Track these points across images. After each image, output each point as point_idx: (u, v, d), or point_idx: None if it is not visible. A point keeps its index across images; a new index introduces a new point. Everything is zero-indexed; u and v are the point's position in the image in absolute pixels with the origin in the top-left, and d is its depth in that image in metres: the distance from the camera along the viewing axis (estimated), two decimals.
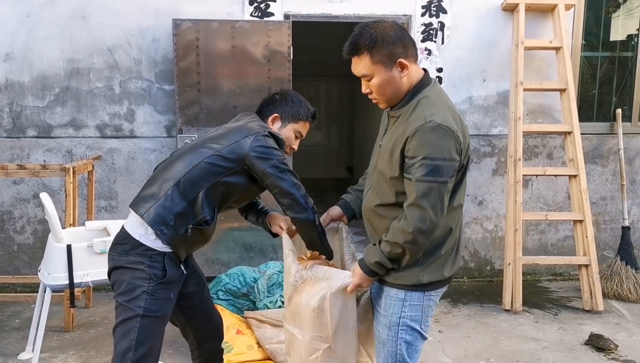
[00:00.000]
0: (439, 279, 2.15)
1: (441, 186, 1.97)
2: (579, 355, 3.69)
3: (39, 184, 4.64)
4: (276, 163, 2.29)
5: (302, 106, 2.51)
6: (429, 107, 2.03)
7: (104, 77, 4.59)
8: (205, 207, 2.28)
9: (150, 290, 2.23)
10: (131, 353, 2.22)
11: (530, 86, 4.60)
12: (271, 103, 2.52)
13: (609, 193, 5.11)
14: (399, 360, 2.17)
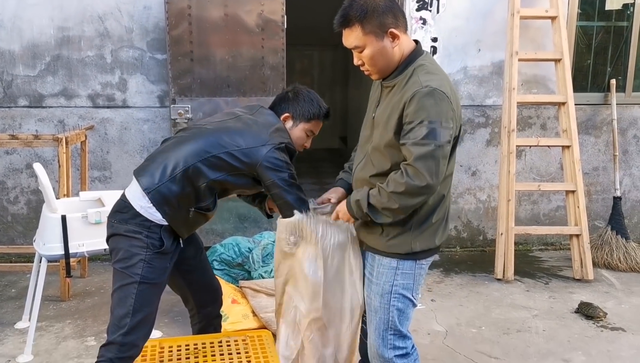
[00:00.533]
0: (431, 247, 2.20)
1: (437, 150, 1.99)
2: (569, 322, 3.76)
3: (31, 154, 4.62)
4: (286, 176, 2.33)
5: (313, 104, 2.50)
6: (424, 74, 2.06)
7: (95, 45, 4.53)
8: (208, 195, 2.35)
9: (148, 259, 2.27)
10: (128, 318, 2.26)
11: (525, 56, 4.58)
12: (284, 101, 2.52)
13: (601, 163, 5.14)
14: (390, 327, 2.22)
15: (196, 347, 2.56)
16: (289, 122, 2.49)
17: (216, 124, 2.44)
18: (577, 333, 3.62)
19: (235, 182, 2.36)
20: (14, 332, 3.52)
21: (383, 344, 2.23)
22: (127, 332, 2.26)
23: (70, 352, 3.30)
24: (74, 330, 3.54)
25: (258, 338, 2.66)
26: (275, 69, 4.44)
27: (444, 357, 3.31)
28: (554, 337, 3.57)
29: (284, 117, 2.48)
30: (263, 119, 2.44)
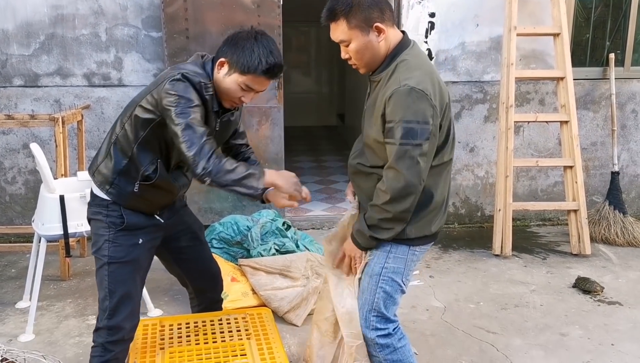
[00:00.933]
0: (426, 234, 2.21)
1: (415, 149, 2.00)
2: (566, 297, 3.79)
3: (28, 134, 4.60)
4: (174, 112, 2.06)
5: (253, 55, 2.11)
6: (405, 71, 2.05)
7: (90, 23, 4.48)
8: (143, 161, 2.20)
9: (111, 238, 2.24)
10: (107, 301, 2.25)
11: (523, 31, 4.55)
12: (225, 44, 2.19)
13: (599, 138, 5.14)
14: (374, 309, 2.23)
15: (196, 325, 2.58)
16: (224, 68, 2.16)
17: None
18: (574, 307, 3.65)
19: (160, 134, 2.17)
20: (15, 312, 3.54)
21: (365, 325, 2.25)
22: (110, 315, 2.26)
23: (71, 330, 3.32)
24: (74, 309, 3.56)
25: (258, 316, 2.68)
26: None
27: (442, 332, 3.34)
28: (551, 311, 3.60)
29: (219, 62, 2.17)
30: (177, 66, 2.22)
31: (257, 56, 2.10)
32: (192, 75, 2.12)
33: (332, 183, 6.28)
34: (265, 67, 2.11)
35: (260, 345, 2.43)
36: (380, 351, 2.26)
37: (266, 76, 2.15)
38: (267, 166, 4.58)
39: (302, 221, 5.00)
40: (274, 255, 3.68)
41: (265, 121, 4.53)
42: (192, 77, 2.11)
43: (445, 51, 4.80)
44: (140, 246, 2.29)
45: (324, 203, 5.53)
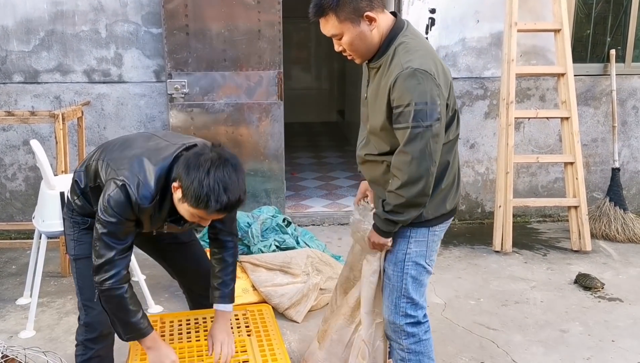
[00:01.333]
0: (443, 213, 2.22)
1: (426, 131, 2.00)
2: (567, 294, 3.79)
3: (28, 130, 4.59)
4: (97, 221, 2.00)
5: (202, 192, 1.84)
6: (405, 54, 2.04)
7: (90, 20, 4.47)
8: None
9: (76, 237, 2.31)
10: (79, 296, 2.33)
11: (524, 27, 4.54)
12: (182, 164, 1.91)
13: (600, 134, 5.13)
14: (403, 295, 2.26)
15: (197, 321, 2.57)
16: (178, 192, 1.93)
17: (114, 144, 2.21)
18: (575, 304, 3.65)
19: None
20: (15, 308, 3.54)
21: (395, 311, 2.27)
22: (84, 312, 2.32)
23: (72, 327, 3.32)
24: (75, 306, 3.55)
25: (258, 312, 2.67)
26: (272, 42, 4.40)
27: (443, 328, 3.34)
28: (551, 308, 3.60)
29: (173, 186, 1.95)
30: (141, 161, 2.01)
31: (206, 194, 1.84)
32: (132, 191, 1.94)
33: (332, 179, 6.28)
34: (216, 207, 1.87)
35: (261, 341, 2.43)
36: (406, 339, 2.30)
37: (219, 213, 1.92)
38: (267, 163, 4.60)
39: (303, 217, 5.00)
40: (274, 251, 3.69)
41: (266, 117, 4.53)
42: (131, 195, 1.95)
43: (445, 47, 4.79)
44: None
45: (324, 199, 5.53)
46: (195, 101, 4.42)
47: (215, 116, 4.47)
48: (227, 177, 1.86)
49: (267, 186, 4.67)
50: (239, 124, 4.52)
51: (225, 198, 1.85)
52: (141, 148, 2.10)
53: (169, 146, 2.08)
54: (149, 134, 2.25)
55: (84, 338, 2.33)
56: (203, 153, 1.91)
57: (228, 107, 4.48)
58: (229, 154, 1.92)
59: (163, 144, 2.10)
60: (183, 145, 2.05)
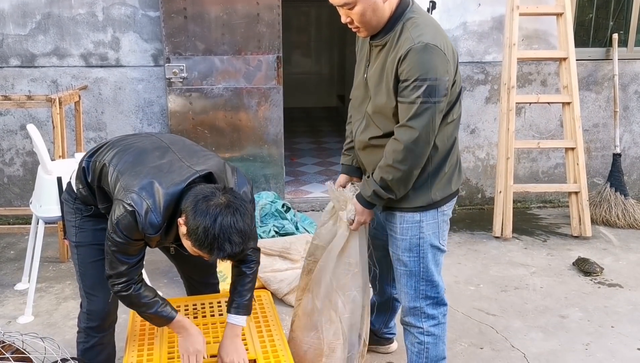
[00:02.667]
0: (449, 193, 2.24)
1: (434, 106, 2.00)
2: (566, 279, 3.78)
3: (25, 115, 4.56)
4: (109, 237, 2.00)
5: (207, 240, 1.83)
6: (415, 28, 2.03)
7: (86, 3, 4.41)
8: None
9: (78, 224, 2.28)
10: (81, 282, 2.31)
11: (526, 11, 4.48)
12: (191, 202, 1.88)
13: (601, 120, 5.10)
14: (422, 278, 2.29)
15: (195, 307, 2.56)
16: (183, 228, 1.91)
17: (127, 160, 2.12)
18: (575, 289, 3.64)
19: None
20: (14, 293, 3.54)
21: (415, 295, 2.30)
22: (86, 299, 2.30)
23: (70, 312, 3.32)
24: (74, 291, 3.55)
25: (257, 299, 2.66)
26: (271, 26, 4.35)
27: None
28: (551, 293, 3.60)
29: (179, 221, 1.92)
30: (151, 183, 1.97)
31: (210, 242, 1.83)
32: (140, 220, 1.92)
33: (332, 164, 6.25)
34: (218, 255, 1.87)
35: (259, 327, 2.43)
36: (426, 321, 2.33)
37: (221, 259, 1.93)
38: (267, 148, 4.57)
39: (302, 203, 4.98)
40: (273, 237, 3.68)
41: (265, 102, 4.49)
42: (139, 222, 1.93)
43: (446, 31, 4.70)
44: None
45: (323, 184, 5.51)
46: (193, 85, 4.38)
47: (214, 100, 4.43)
48: (232, 228, 1.84)
49: (267, 172, 4.64)
50: (238, 109, 4.48)
51: (228, 248, 1.85)
52: (154, 167, 2.03)
53: (183, 169, 2.02)
54: (165, 147, 2.14)
55: (86, 325, 2.32)
56: (213, 198, 1.87)
57: (227, 92, 4.44)
58: (239, 202, 1.90)
59: (177, 166, 2.03)
60: (196, 173, 2.00)
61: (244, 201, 1.93)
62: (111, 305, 2.31)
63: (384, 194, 2.14)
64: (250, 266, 2.27)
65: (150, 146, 2.15)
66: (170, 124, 4.41)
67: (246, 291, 2.26)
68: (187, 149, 2.17)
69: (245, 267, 2.26)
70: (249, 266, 2.27)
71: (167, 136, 2.34)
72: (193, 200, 1.88)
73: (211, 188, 1.93)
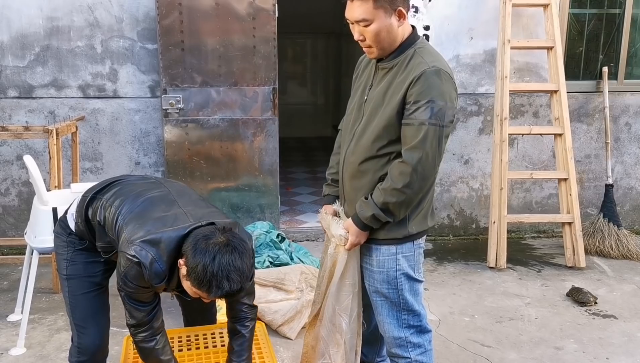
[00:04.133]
0: (424, 229, 2.26)
1: (442, 130, 2.04)
2: (561, 310, 3.78)
3: (22, 145, 4.58)
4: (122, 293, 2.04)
5: (206, 278, 1.86)
6: (428, 55, 2.09)
7: (85, 35, 4.48)
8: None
9: (70, 257, 2.29)
10: (71, 316, 2.30)
11: (517, 44, 4.57)
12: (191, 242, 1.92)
13: (593, 151, 5.15)
14: (403, 308, 2.29)
15: (189, 338, 2.56)
16: (183, 269, 1.94)
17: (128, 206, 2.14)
18: (569, 320, 3.64)
19: None
20: (6, 325, 3.51)
21: (398, 325, 2.30)
22: (77, 332, 2.29)
23: (63, 344, 3.29)
24: (66, 322, 3.52)
25: None
26: (267, 58, 4.42)
27: (437, 345, 3.31)
28: (546, 324, 3.59)
29: (179, 262, 1.96)
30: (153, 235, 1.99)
31: (209, 280, 1.86)
32: (145, 271, 1.95)
33: None
34: (217, 293, 1.89)
35: (254, 359, 2.42)
36: (412, 350, 2.32)
37: (220, 298, 1.97)
38: (262, 178, 4.60)
39: (297, 233, 4.99)
40: (267, 267, 3.67)
41: (260, 133, 4.53)
42: (144, 273, 1.96)
43: None
44: (101, 263, 2.30)
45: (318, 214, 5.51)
46: (190, 116, 4.42)
47: (210, 131, 4.47)
48: (231, 265, 1.87)
49: (262, 202, 4.66)
50: (234, 139, 4.52)
51: (227, 286, 1.87)
52: (159, 219, 2.05)
53: (186, 218, 2.05)
54: (172, 200, 2.15)
55: (77, 360, 2.32)
56: (212, 237, 1.90)
57: (223, 123, 4.48)
58: (238, 241, 1.92)
59: (181, 220, 2.04)
60: (199, 222, 2.02)
61: (243, 241, 1.95)
62: (103, 339, 2.31)
63: (382, 218, 2.13)
64: (245, 325, 2.24)
65: (157, 197, 2.17)
66: (166, 155, 4.44)
67: (244, 351, 2.25)
68: (193, 204, 2.18)
69: (241, 326, 2.23)
70: (244, 325, 2.24)
71: (175, 186, 2.32)
72: (193, 240, 1.92)
73: (211, 228, 1.96)
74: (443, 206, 5.07)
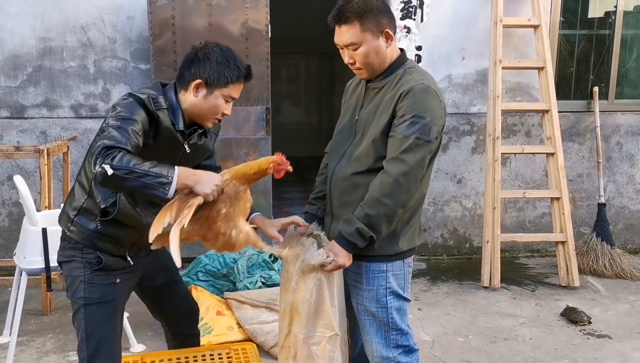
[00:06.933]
0: (413, 246, 2.26)
1: (426, 145, 2.05)
2: (555, 330, 3.76)
3: (13, 166, 4.56)
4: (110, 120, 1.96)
5: (230, 65, 2.09)
6: (417, 73, 2.14)
7: (78, 56, 4.49)
8: (99, 194, 2.10)
9: (87, 279, 2.15)
10: (84, 345, 2.15)
11: (508, 64, 4.61)
12: (192, 65, 2.10)
13: (585, 170, 5.17)
14: (392, 327, 2.26)
15: (179, 360, 2.52)
16: (203, 90, 2.09)
17: None
18: (564, 340, 3.62)
19: None
20: None
21: (386, 344, 2.26)
22: (88, 361, 2.15)
23: None
24: (55, 345, 3.48)
25: (242, 351, 2.63)
26: (260, 78, 4.43)
27: None
28: (540, 345, 3.57)
29: (195, 83, 2.08)
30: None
31: (233, 65, 2.10)
32: (138, 92, 2.06)
33: None
34: (244, 72, 2.15)
35: None
36: None
37: (245, 80, 2.17)
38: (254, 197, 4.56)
39: None
40: (260, 288, 3.64)
41: (253, 153, 4.53)
42: (138, 94, 2.04)
43: None
44: (118, 285, 2.21)
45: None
46: None
47: None
48: (228, 52, 2.12)
49: None
50: (227, 159, 4.50)
51: (242, 62, 2.14)
52: None
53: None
54: None
55: None
56: (200, 48, 2.13)
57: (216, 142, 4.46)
58: (213, 43, 2.15)
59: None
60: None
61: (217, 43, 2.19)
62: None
63: (367, 233, 2.07)
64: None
65: None
66: None
67: None
68: None
69: None
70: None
71: None
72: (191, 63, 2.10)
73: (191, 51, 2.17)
74: (436, 225, 5.06)
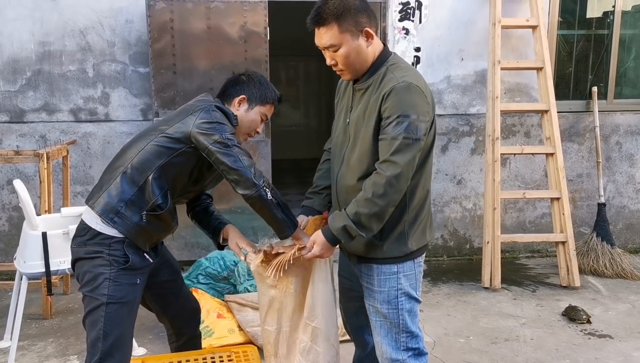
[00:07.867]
0: (424, 244, 2.25)
1: (415, 143, 2.03)
2: (556, 330, 3.75)
3: (12, 170, 4.56)
4: (220, 138, 2.17)
5: (269, 88, 2.45)
6: (399, 70, 2.11)
7: (77, 60, 4.49)
8: (155, 191, 2.21)
9: (112, 277, 2.17)
10: (100, 343, 2.17)
11: (507, 65, 4.61)
12: (237, 84, 2.42)
13: (585, 170, 5.17)
14: (402, 330, 2.26)
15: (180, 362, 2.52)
16: (245, 105, 2.40)
17: (153, 123, 2.44)
18: (565, 341, 3.62)
19: (180, 164, 2.24)
20: None
21: (397, 347, 2.26)
22: (101, 358, 2.17)
23: None
24: (56, 349, 3.48)
25: (243, 354, 2.62)
26: None
27: None
28: (542, 345, 3.57)
29: (239, 99, 2.39)
30: (196, 100, 2.39)
31: (271, 88, 2.45)
32: (223, 107, 2.32)
33: None
34: (279, 95, 2.49)
35: None
36: None
37: (277, 104, 2.49)
38: None
39: None
40: None
41: (253, 155, 4.51)
42: (225, 109, 2.31)
43: (431, 84, 4.84)
44: (138, 286, 2.25)
45: None
46: None
47: None
48: (266, 79, 2.48)
49: (254, 224, 4.62)
50: None
51: (275, 88, 2.49)
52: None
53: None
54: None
55: None
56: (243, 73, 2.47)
57: None
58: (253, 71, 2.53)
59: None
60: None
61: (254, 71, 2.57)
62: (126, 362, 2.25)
63: (353, 231, 2.07)
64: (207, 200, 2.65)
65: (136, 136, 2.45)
66: None
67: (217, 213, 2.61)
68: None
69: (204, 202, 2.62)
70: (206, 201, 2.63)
71: None
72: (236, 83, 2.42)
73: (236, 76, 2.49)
74: (437, 226, 5.06)
